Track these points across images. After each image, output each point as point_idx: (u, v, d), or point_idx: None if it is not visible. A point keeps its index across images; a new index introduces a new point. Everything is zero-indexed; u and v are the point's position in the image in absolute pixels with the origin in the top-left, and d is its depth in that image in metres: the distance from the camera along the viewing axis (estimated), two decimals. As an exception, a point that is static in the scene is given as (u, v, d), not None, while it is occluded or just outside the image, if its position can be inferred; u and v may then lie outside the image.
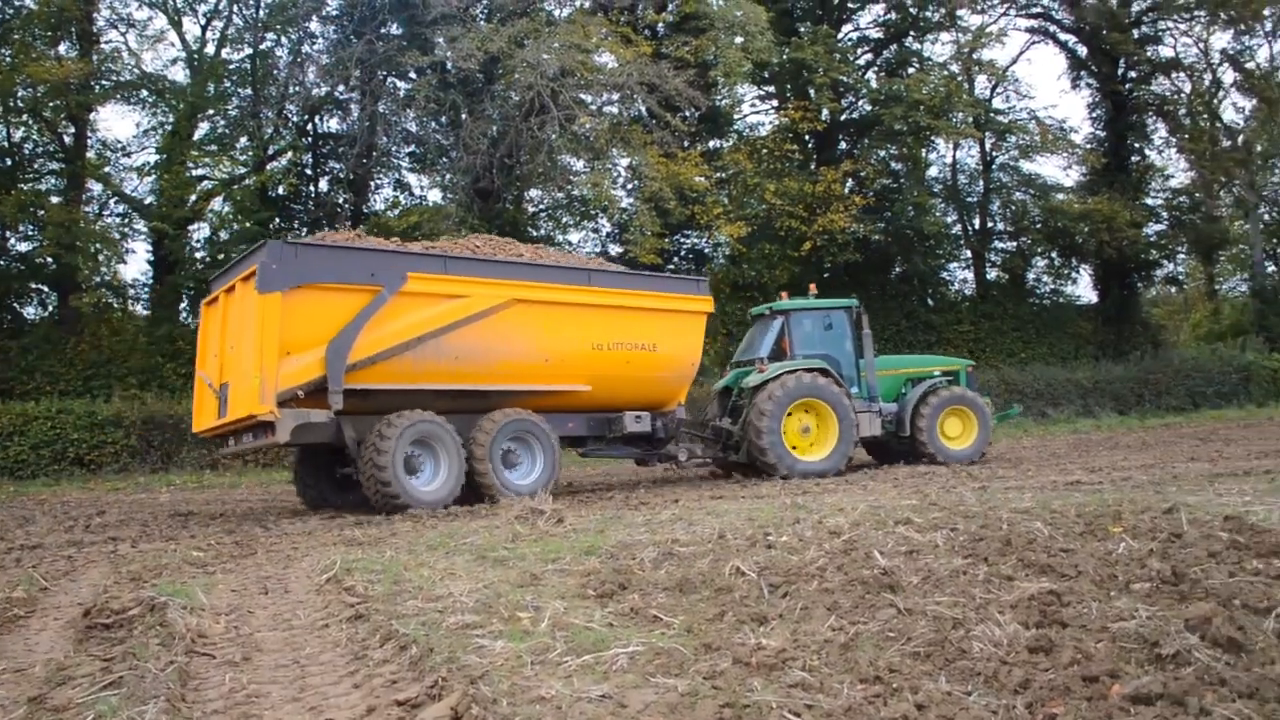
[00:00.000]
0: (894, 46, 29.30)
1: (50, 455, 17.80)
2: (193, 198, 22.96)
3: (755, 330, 14.20)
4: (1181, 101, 32.78)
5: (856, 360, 13.49)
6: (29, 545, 8.71)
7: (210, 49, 24.48)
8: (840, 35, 28.36)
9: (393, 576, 5.38)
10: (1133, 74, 31.57)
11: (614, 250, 24.24)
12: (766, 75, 26.88)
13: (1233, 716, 2.54)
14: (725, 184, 25.77)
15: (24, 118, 21.97)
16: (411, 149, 24.60)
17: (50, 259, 20.99)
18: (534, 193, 25.29)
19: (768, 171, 25.04)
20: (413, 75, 21.87)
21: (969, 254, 31.15)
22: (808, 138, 27.56)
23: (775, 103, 28.77)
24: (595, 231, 27.04)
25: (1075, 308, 31.75)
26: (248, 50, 24.15)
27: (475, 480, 10.47)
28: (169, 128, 23.71)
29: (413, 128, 23.04)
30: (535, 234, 23.99)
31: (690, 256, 26.82)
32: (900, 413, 13.47)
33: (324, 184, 25.36)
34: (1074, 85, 32.62)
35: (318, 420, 9.74)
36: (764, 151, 26.18)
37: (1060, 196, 29.40)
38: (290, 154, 23.70)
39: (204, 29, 24.69)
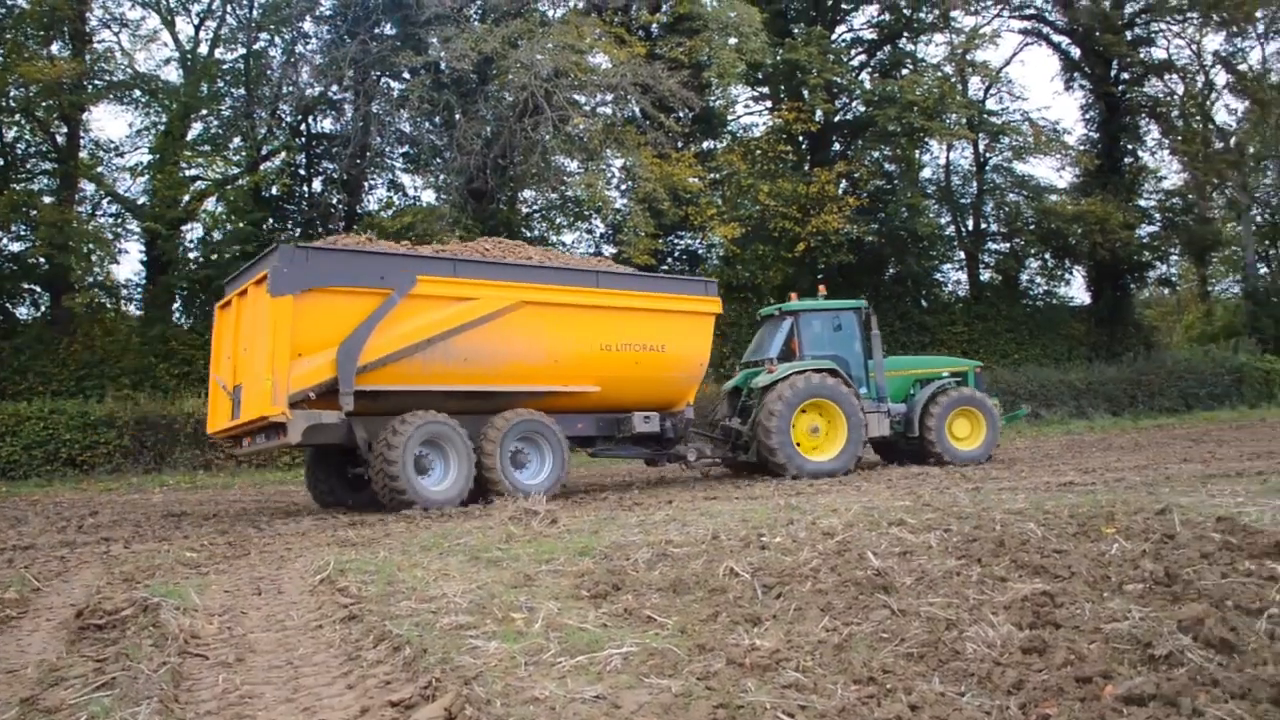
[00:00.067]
0: (888, 48, 29.33)
1: (43, 456, 17.73)
2: (186, 198, 22.93)
3: (764, 331, 14.27)
4: (1174, 103, 32.87)
5: (865, 361, 13.58)
6: (21, 546, 8.67)
7: (203, 49, 24.48)
8: (834, 36, 28.42)
9: (386, 577, 5.37)
10: (1125, 76, 31.64)
11: (608, 251, 24.18)
12: (760, 76, 26.94)
13: (1225, 717, 2.55)
14: (719, 185, 25.79)
15: (16, 117, 21.84)
16: (405, 149, 24.52)
17: (43, 259, 20.93)
18: (528, 193, 25.23)
19: (761, 172, 25.04)
20: (406, 76, 21.84)
21: (962, 255, 31.22)
22: (801, 139, 27.61)
23: (769, 104, 28.81)
24: (589, 232, 27.03)
25: (1068, 309, 31.82)
26: (241, 50, 24.09)
27: (484, 480, 10.52)
28: (162, 128, 23.65)
29: (406, 128, 22.99)
30: (529, 235, 23.92)
31: (684, 257, 26.76)
32: (909, 413, 13.58)
33: (318, 184, 25.27)
34: (1067, 87, 32.72)
35: (329, 421, 9.84)
36: (758, 152, 26.15)
37: (1053, 198, 29.46)
38: (284, 154, 23.61)
39: (197, 29, 24.68)
